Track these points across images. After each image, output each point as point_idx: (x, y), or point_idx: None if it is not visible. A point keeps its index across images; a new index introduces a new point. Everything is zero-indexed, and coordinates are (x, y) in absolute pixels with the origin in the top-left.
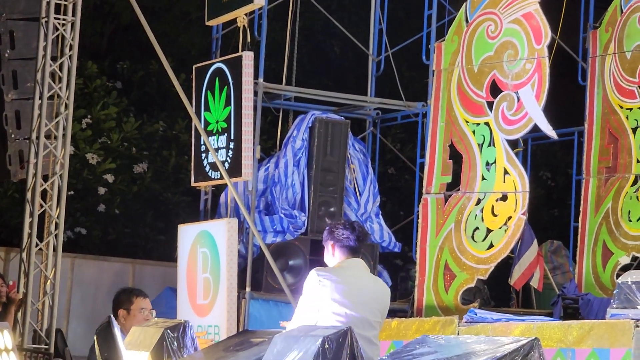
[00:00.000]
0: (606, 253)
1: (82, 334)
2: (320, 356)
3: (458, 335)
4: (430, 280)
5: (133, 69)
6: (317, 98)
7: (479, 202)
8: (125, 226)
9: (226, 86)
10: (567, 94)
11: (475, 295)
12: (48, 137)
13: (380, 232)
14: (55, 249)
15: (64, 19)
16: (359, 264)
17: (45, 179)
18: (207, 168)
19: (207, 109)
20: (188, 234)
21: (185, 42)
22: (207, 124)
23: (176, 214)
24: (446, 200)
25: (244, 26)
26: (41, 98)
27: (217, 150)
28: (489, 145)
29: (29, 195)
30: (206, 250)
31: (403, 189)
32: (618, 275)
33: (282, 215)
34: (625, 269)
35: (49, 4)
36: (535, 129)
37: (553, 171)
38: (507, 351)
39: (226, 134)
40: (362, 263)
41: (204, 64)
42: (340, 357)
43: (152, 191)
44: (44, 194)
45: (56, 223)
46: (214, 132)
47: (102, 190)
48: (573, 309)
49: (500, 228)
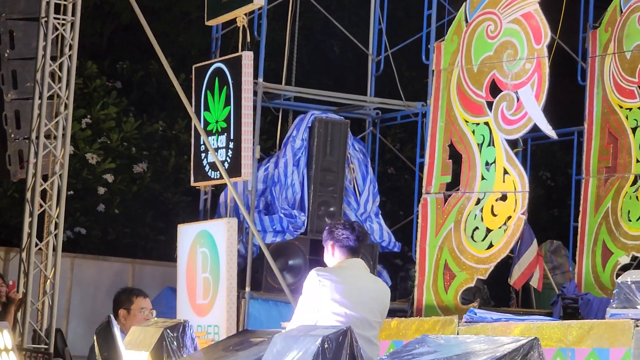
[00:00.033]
0: (606, 253)
1: (82, 333)
2: (319, 356)
3: (458, 335)
4: (430, 280)
5: (133, 68)
6: (317, 98)
7: (478, 202)
8: (125, 226)
9: (226, 86)
10: (566, 93)
11: (474, 295)
12: (48, 137)
13: (380, 232)
14: (54, 249)
15: (63, 19)
16: (358, 264)
17: (45, 178)
18: (207, 168)
19: (207, 108)
20: (188, 233)
21: (185, 42)
22: (206, 123)
23: (176, 213)
24: (446, 200)
25: (243, 26)
26: (41, 98)
27: (216, 150)
28: (489, 145)
29: (28, 195)
30: (206, 250)
31: (403, 188)
32: (618, 275)
33: (282, 215)
34: (624, 268)
35: (48, 3)
36: (535, 128)
37: (553, 171)
38: (506, 351)
39: (226, 133)
40: (362, 263)
41: (203, 63)
42: (340, 356)
43: (152, 191)
44: (44, 193)
45: (56, 223)
46: (213, 132)
47: (101, 190)
48: (573, 308)
49: (500, 228)
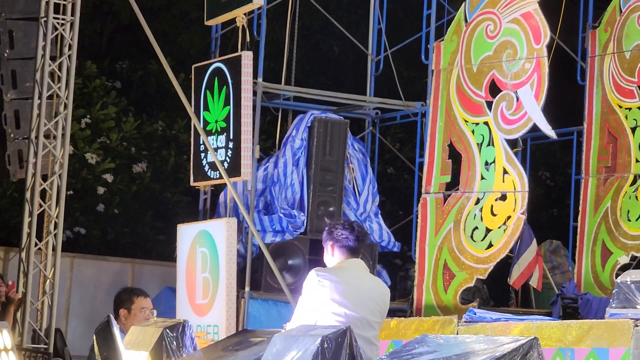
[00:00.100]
0: (605, 253)
1: (82, 333)
2: (319, 356)
3: (457, 334)
4: (430, 280)
5: (132, 68)
6: (316, 98)
7: (478, 201)
8: (125, 226)
9: (225, 86)
10: (566, 93)
11: (474, 295)
12: (47, 136)
13: (380, 232)
14: (54, 249)
15: (63, 19)
16: (358, 264)
17: (45, 178)
18: (207, 168)
19: (207, 108)
20: (187, 233)
21: (184, 41)
22: (206, 123)
23: (175, 213)
24: (445, 199)
25: (243, 26)
26: (40, 98)
27: (216, 150)
28: (488, 144)
29: (28, 195)
30: (205, 250)
31: (402, 188)
32: (617, 275)
33: (281, 215)
34: (624, 268)
35: (48, 3)
36: (535, 128)
37: (552, 171)
38: (506, 351)
39: (225, 133)
40: (362, 263)
41: (203, 63)
42: (339, 356)
43: (152, 191)
44: (43, 193)
45: (55, 223)
46: (213, 131)
47: (101, 190)
48: (572, 308)
49: (500, 228)
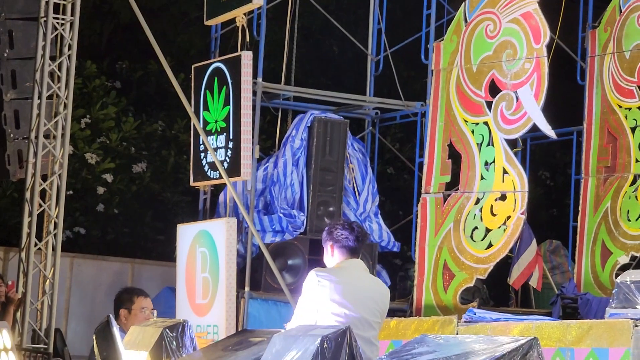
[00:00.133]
0: (605, 252)
1: (81, 333)
2: (319, 356)
3: (457, 334)
4: (429, 280)
5: (132, 68)
6: (316, 98)
7: (477, 201)
8: (124, 226)
9: (225, 86)
10: (566, 93)
11: (474, 295)
12: (47, 136)
13: (379, 232)
14: (54, 249)
15: (62, 19)
16: (358, 265)
17: (44, 178)
18: (206, 168)
19: (206, 108)
20: (187, 233)
21: (184, 41)
22: (206, 123)
23: (175, 213)
24: (445, 199)
25: (242, 26)
26: (40, 98)
27: (216, 149)
28: (488, 144)
29: (27, 195)
30: (205, 250)
31: (402, 188)
32: (617, 275)
33: (281, 215)
34: (624, 268)
35: (47, 3)
36: (534, 128)
37: (552, 171)
38: (505, 351)
39: (225, 133)
40: (362, 264)
41: (202, 63)
42: (339, 356)
43: (151, 191)
44: (43, 193)
45: (55, 223)
46: (212, 131)
47: (101, 190)
48: (572, 308)
49: (499, 228)
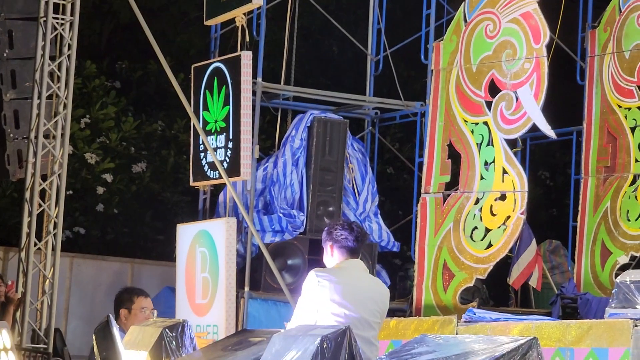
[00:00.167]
0: (605, 252)
1: (81, 333)
2: (318, 356)
3: (457, 334)
4: (429, 280)
5: (132, 68)
6: (316, 97)
7: (477, 201)
8: (124, 226)
9: (225, 86)
10: (565, 93)
11: (474, 295)
12: (47, 136)
13: (379, 232)
14: (53, 249)
15: (62, 19)
16: (358, 265)
17: (44, 178)
18: (206, 167)
19: (206, 108)
20: (187, 233)
21: (183, 41)
22: (205, 123)
23: (175, 213)
24: (445, 199)
25: (242, 26)
26: (40, 97)
27: (215, 149)
28: (488, 144)
29: (27, 195)
30: (205, 250)
31: (402, 188)
32: (617, 275)
33: (281, 215)
34: (623, 268)
35: (47, 3)
36: (534, 128)
37: (552, 171)
38: (505, 350)
39: (225, 133)
40: (361, 264)
41: (202, 63)
42: (339, 356)
43: (151, 191)
44: (43, 193)
45: (55, 222)
46: (212, 131)
47: (100, 190)
48: (572, 308)
49: (499, 227)
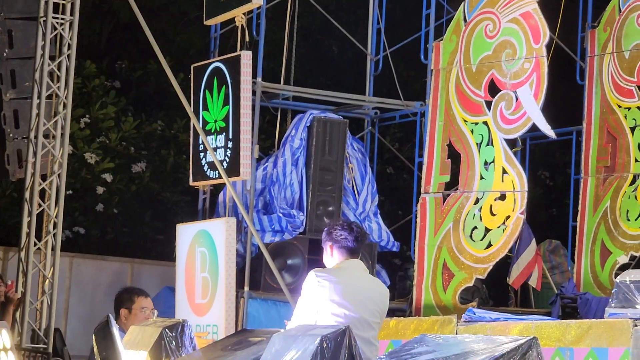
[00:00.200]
0: (604, 252)
1: (81, 333)
2: (318, 355)
3: (456, 334)
4: (429, 280)
5: (131, 68)
6: (316, 97)
7: (477, 201)
8: (124, 225)
9: (224, 85)
10: (565, 93)
11: (473, 295)
12: (46, 136)
13: (379, 232)
14: (53, 249)
15: (62, 18)
16: (357, 265)
17: (44, 178)
18: (206, 167)
19: (206, 108)
20: (186, 233)
21: (183, 41)
22: (205, 123)
23: (174, 213)
24: (444, 199)
25: (242, 25)
26: (39, 97)
27: (215, 149)
28: (488, 144)
29: (27, 195)
30: (204, 250)
31: (401, 188)
32: (616, 275)
33: (281, 215)
34: (623, 268)
35: (47, 3)
36: (534, 128)
37: (551, 170)
38: (505, 350)
39: (224, 133)
40: (361, 264)
41: (202, 63)
42: (339, 356)
43: (151, 190)
44: (42, 193)
45: (54, 222)
46: (212, 131)
47: (100, 190)
48: (571, 308)
49: (499, 227)
